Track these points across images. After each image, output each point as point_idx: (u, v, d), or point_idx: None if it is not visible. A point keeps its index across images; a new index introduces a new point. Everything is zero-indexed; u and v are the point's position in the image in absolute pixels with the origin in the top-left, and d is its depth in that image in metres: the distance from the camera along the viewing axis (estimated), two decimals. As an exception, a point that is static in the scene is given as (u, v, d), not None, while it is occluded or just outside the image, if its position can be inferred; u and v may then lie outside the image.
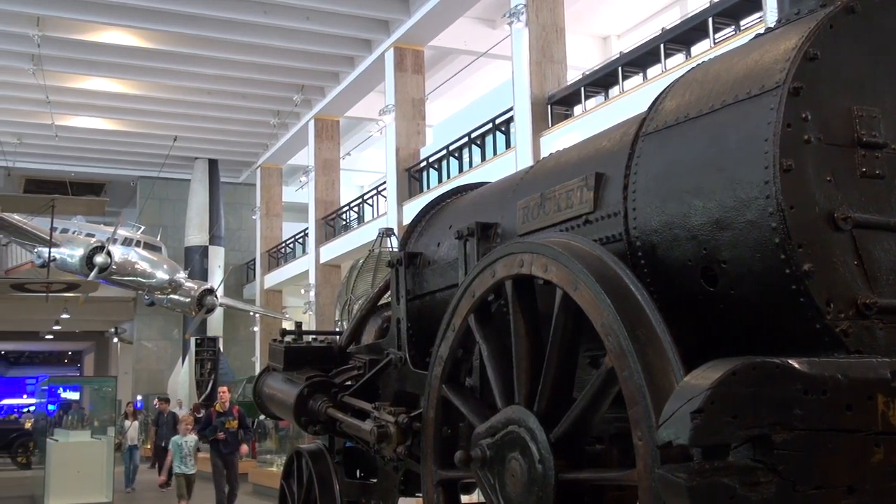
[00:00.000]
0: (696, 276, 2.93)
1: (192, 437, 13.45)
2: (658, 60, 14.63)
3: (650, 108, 3.35)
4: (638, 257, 3.18)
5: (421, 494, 3.90)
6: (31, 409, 38.56)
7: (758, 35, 3.18)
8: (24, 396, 54.76)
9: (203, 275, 30.33)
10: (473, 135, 19.84)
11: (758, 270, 2.72)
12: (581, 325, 2.91)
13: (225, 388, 14.58)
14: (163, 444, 18.56)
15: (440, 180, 20.88)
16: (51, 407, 28.44)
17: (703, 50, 13.47)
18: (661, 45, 14.47)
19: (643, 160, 3.22)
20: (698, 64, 3.33)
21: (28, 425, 26.62)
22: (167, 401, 22.44)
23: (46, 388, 30.56)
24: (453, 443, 3.68)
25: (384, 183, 24.09)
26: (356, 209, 27.40)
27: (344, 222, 27.76)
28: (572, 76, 17.43)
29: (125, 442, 20.29)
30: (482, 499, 3.39)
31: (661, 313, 2.66)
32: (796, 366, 2.30)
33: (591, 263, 2.85)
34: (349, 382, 5.26)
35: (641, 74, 15.41)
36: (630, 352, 2.58)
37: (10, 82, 25.04)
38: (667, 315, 2.67)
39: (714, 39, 13.34)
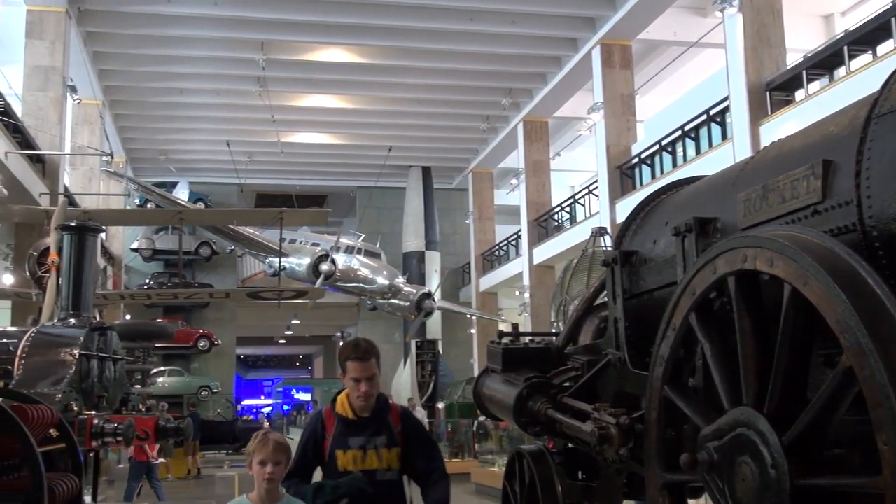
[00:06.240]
0: (944, 266, 2.70)
1: None
2: (889, 36, 13.65)
3: (883, 87, 3.11)
4: (875, 248, 2.97)
5: (645, 497, 3.82)
6: (268, 409, 40.93)
7: None
8: (262, 397, 58.37)
9: (420, 279, 31.27)
10: (687, 128, 19.35)
11: None
12: (813, 322, 2.74)
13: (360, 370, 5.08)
14: None
15: (653, 176, 20.50)
16: (285, 407, 30.24)
17: (940, 20, 12.45)
18: (893, 19, 13.47)
19: (877, 144, 3.00)
20: (938, 35, 3.06)
21: (266, 425, 28.31)
22: None
23: (282, 389, 32.55)
24: (677, 445, 3.58)
25: (595, 182, 23.93)
26: (568, 209, 27.37)
27: (556, 223, 27.79)
28: (792, 59, 16.58)
29: None
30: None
31: (905, 308, 2.46)
32: None
33: (822, 256, 2.68)
34: (567, 383, 5.23)
35: (870, 52, 14.41)
36: (870, 349, 2.41)
37: (240, 104, 26.97)
38: (911, 309, 2.46)
39: (953, 8, 12.30)
